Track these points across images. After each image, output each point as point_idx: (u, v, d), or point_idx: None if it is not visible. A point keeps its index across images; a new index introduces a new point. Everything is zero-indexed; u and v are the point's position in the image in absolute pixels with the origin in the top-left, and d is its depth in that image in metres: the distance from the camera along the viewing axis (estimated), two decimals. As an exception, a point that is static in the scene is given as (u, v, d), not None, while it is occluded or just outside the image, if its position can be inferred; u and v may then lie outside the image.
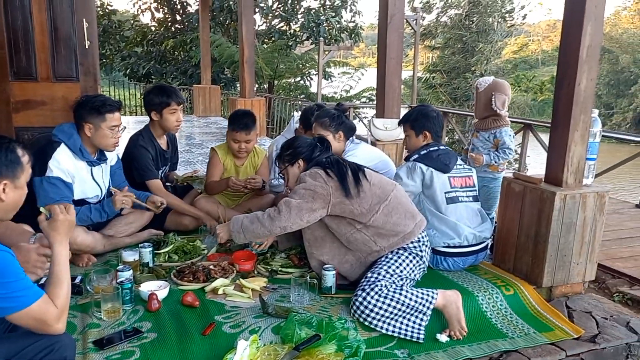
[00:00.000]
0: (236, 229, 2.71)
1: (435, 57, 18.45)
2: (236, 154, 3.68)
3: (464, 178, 3.13)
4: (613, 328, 2.73)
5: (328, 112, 3.53)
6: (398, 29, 3.99)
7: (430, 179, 3.01)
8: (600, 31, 2.76)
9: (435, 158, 3.04)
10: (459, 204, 3.05)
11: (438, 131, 3.18)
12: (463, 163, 3.19)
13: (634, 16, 53.99)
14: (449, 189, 3.04)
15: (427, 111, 3.18)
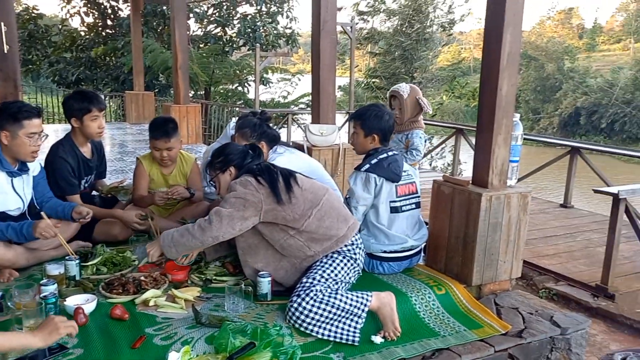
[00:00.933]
0: (167, 243, 2.65)
1: (374, 63, 18.79)
2: (159, 162, 3.59)
3: (408, 185, 3.13)
4: (538, 323, 2.86)
5: (250, 121, 3.48)
6: (331, 35, 4.03)
7: (380, 189, 3.01)
8: (519, 39, 2.89)
9: (386, 167, 3.01)
10: (401, 214, 3.07)
11: (387, 135, 3.14)
12: (407, 169, 3.18)
13: (557, 25, 57.17)
14: (394, 199, 3.04)
15: (381, 113, 3.11)
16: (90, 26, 15.56)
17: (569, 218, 6.36)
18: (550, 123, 35.61)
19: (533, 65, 37.24)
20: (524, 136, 9.76)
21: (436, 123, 11.88)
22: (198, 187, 3.69)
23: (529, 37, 42.05)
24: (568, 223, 6.14)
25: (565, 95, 34.81)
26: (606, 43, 51.69)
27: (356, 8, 16.16)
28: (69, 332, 1.97)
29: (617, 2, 51.49)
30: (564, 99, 34.78)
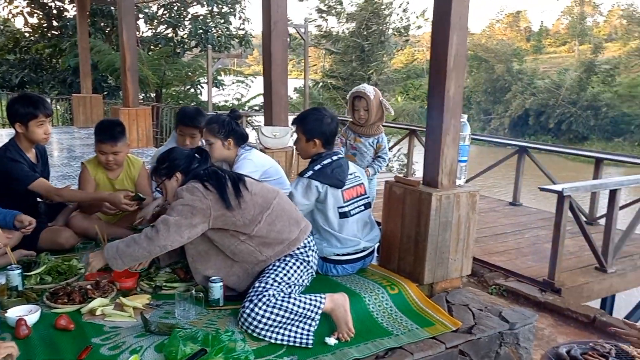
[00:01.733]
0: (111, 255, 2.55)
1: (329, 64, 18.89)
2: (105, 166, 3.50)
3: (356, 187, 3.12)
4: (487, 318, 2.92)
5: (218, 118, 3.47)
6: (282, 37, 4.02)
7: (324, 196, 2.98)
8: (465, 41, 2.95)
9: (330, 174, 2.98)
10: (351, 218, 3.05)
11: (330, 139, 3.10)
12: (354, 172, 3.17)
13: (506, 28, 58.91)
14: (341, 204, 3.02)
15: (321, 117, 3.06)
16: (34, 27, 15.01)
17: (517, 215, 6.55)
18: (501, 123, 36.67)
19: (484, 67, 38.28)
20: (475, 137, 10.03)
21: (390, 124, 12.00)
22: (147, 191, 3.61)
23: (480, 40, 43.23)
24: (517, 220, 6.31)
25: (515, 97, 35.91)
26: (552, 45, 53.62)
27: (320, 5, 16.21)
28: (8, 352, 1.87)
29: (562, 6, 53.51)
30: (514, 100, 35.87)
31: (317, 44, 16.89)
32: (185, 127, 3.71)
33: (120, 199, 3.27)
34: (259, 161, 3.51)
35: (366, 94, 3.98)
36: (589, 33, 46.46)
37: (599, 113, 32.61)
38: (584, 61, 37.05)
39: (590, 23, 49.27)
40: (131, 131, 8.02)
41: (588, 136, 32.74)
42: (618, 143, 31.16)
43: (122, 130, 3.45)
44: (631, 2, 51.18)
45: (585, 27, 46.63)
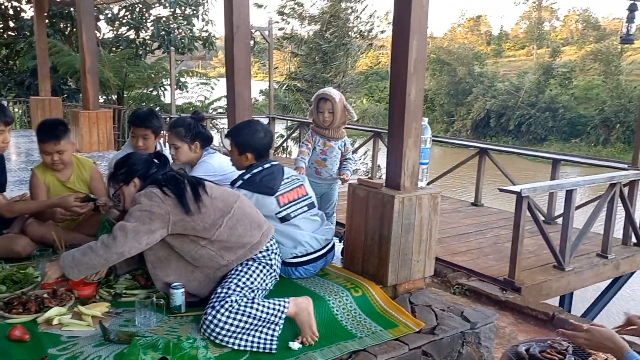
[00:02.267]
0: (67, 264, 2.48)
1: (294, 66, 18.89)
2: (51, 167, 3.40)
3: (295, 190, 3.11)
4: (450, 319, 2.97)
5: (184, 121, 3.44)
6: (244, 40, 3.99)
7: (256, 205, 2.95)
8: (425, 45, 3.00)
9: (258, 182, 2.98)
10: (294, 219, 3.04)
11: (263, 153, 3.10)
12: (292, 174, 3.16)
13: (467, 32, 60.07)
14: (278, 210, 3.00)
15: (254, 131, 3.09)
16: (-11, 27, 14.53)
17: (479, 216, 6.68)
18: (463, 125, 37.35)
19: (446, 69, 38.94)
20: (438, 138, 10.16)
21: (355, 127, 12.07)
22: (102, 193, 3.52)
23: (442, 43, 43.94)
24: (478, 221, 6.44)
25: (476, 99, 36.64)
26: (512, 49, 54.94)
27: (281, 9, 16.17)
28: None
29: (521, 11, 54.90)
30: (475, 102, 36.60)
31: (280, 46, 16.87)
32: (137, 127, 3.62)
33: (70, 201, 3.19)
34: (219, 165, 3.48)
35: (332, 96, 4.00)
36: (546, 37, 47.79)
37: (557, 115, 33.56)
38: (542, 64, 38.09)
39: (548, 28, 50.70)
40: (92, 134, 7.84)
41: (547, 137, 33.64)
42: (575, 144, 32.12)
43: (65, 129, 3.35)
44: (586, 7, 52.89)
45: (543, 31, 47.94)
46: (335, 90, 4.14)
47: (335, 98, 3.98)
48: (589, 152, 30.08)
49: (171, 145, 3.43)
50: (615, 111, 30.91)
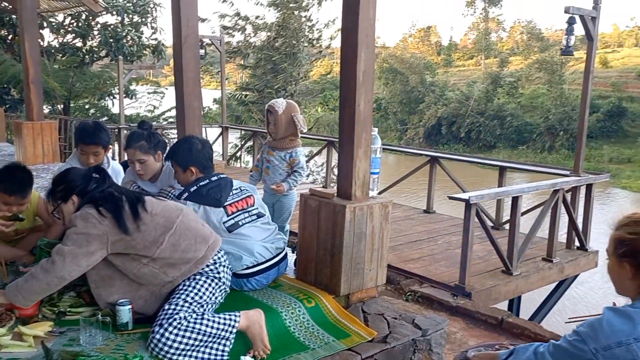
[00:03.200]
0: (12, 292, 2.42)
1: (246, 76, 18.80)
2: None
3: (244, 200, 3.12)
4: (401, 327, 2.99)
5: (141, 134, 3.33)
6: (193, 49, 3.94)
7: (204, 216, 2.96)
8: (373, 57, 3.04)
9: (205, 194, 2.99)
10: (242, 228, 3.04)
11: (205, 163, 3.12)
12: (240, 186, 3.17)
13: (418, 42, 61.41)
14: (226, 219, 3.01)
15: (190, 146, 3.11)
16: None
17: (431, 223, 6.80)
18: (416, 133, 38.10)
19: (399, 78, 39.66)
20: (391, 147, 10.26)
21: (308, 136, 12.12)
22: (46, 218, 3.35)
23: (395, 52, 44.74)
24: (430, 227, 6.56)
25: (428, 107, 37.48)
26: (461, 59, 56.52)
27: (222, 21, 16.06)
28: None
29: (469, 22, 56.58)
30: (427, 110, 37.43)
31: (228, 58, 16.74)
32: (87, 145, 3.46)
33: None
34: None
35: (274, 108, 4.06)
36: (493, 48, 49.40)
37: (505, 122, 34.69)
38: (490, 74, 39.33)
39: (495, 38, 52.42)
40: (36, 146, 7.56)
41: (495, 144, 34.68)
42: (522, 150, 33.23)
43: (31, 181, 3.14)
44: (531, 19, 54.97)
45: (490, 42, 49.52)
46: (282, 102, 4.16)
47: (278, 110, 4.04)
48: (536, 158, 31.19)
49: (138, 162, 3.30)
50: (560, 119, 32.20)
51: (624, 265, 1.62)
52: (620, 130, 33.03)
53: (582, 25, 5.59)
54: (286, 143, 4.13)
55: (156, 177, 3.44)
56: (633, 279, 1.61)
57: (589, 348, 1.53)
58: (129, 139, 3.35)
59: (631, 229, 1.61)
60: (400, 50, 48.71)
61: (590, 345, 1.53)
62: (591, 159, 29.65)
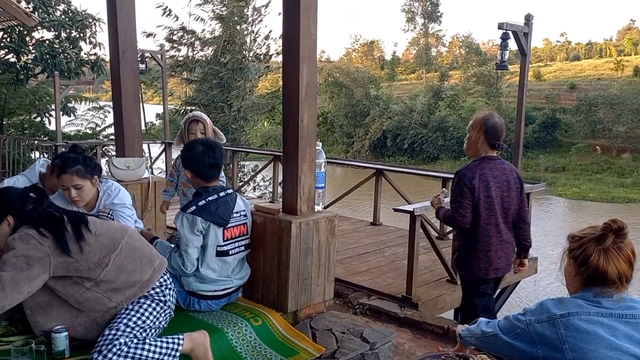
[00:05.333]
0: None
1: (191, 91, 18.52)
2: None
3: (239, 227, 3.02)
4: (350, 341, 2.99)
5: (76, 158, 3.09)
6: (132, 65, 3.86)
7: (206, 234, 2.85)
8: (315, 72, 3.06)
9: (214, 212, 2.85)
10: (228, 257, 2.96)
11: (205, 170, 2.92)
12: (241, 209, 3.05)
13: (362, 56, 62.55)
14: (221, 243, 2.91)
15: (191, 148, 2.96)
16: None
17: (378, 235, 6.86)
18: (362, 146, 38.64)
19: (344, 92, 40.19)
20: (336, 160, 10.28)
21: (254, 150, 12.08)
22: None
23: (339, 66, 45.36)
24: (377, 240, 6.61)
25: (373, 120, 38.13)
26: (403, 73, 57.97)
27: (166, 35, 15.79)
28: None
29: (410, 37, 58.20)
30: (372, 123, 38.08)
31: (173, 72, 16.45)
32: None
33: None
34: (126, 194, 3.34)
35: (203, 118, 4.02)
36: (434, 62, 50.94)
37: (447, 134, 35.73)
38: (431, 87, 40.51)
39: (435, 53, 54.08)
40: (-35, 166, 7.18)
41: (439, 155, 35.62)
42: (464, 161, 34.12)
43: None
44: (468, 34, 57.10)
45: (430, 56, 51.04)
46: (203, 115, 4.14)
47: (207, 120, 4.01)
48: (477, 168, 32.17)
49: (71, 188, 3.05)
50: (498, 130, 33.43)
51: (570, 261, 1.79)
52: (555, 140, 34.66)
53: (515, 40, 5.84)
54: None
55: (92, 204, 3.20)
56: (575, 275, 1.77)
57: (525, 319, 1.78)
58: (63, 164, 3.08)
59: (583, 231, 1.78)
60: (344, 64, 49.47)
61: (527, 317, 1.79)
62: (529, 168, 30.91)
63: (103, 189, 3.23)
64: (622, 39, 60.99)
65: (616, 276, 1.69)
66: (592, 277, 1.72)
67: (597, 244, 1.72)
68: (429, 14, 48.93)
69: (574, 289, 1.81)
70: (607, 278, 1.69)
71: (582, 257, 1.73)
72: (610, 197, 25.94)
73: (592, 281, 1.73)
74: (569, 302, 1.75)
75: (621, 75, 42.63)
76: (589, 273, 1.72)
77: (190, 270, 2.84)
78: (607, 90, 35.81)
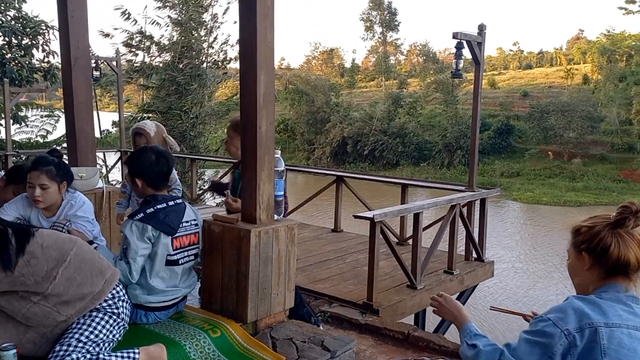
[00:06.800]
0: None
1: (148, 97, 18.18)
2: None
3: (189, 236, 2.97)
4: (310, 350, 2.97)
5: (52, 160, 3.09)
6: (85, 72, 3.75)
7: (156, 242, 2.79)
8: (273, 79, 3.04)
9: (162, 220, 2.80)
10: (178, 267, 2.90)
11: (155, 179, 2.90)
12: (191, 218, 3.01)
13: (322, 64, 62.89)
14: (171, 252, 2.85)
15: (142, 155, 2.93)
16: None
17: (339, 242, 6.88)
18: (323, 153, 38.79)
19: (304, 99, 40.30)
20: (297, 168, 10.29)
21: (214, 158, 11.95)
22: None
23: (299, 73, 45.46)
24: (339, 246, 6.63)
25: (334, 127, 38.35)
26: (363, 80, 58.60)
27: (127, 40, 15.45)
28: None
29: (369, 45, 58.88)
30: (333, 130, 38.28)
31: (129, 79, 16.11)
32: None
33: None
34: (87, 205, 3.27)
35: (146, 130, 3.97)
36: (393, 70, 51.70)
37: (406, 141, 36.28)
38: (390, 95, 41.08)
39: (393, 61, 54.89)
40: None
41: (398, 162, 36.10)
42: (423, 167, 34.84)
43: None
44: (426, 42, 58.25)
45: (389, 64, 51.77)
46: (151, 124, 4.09)
47: (150, 132, 3.96)
48: (436, 174, 32.82)
49: (36, 186, 3.01)
50: (456, 137, 34.16)
51: (582, 255, 1.65)
52: (509, 146, 35.64)
53: (470, 49, 5.98)
54: None
55: (53, 211, 3.16)
56: (590, 269, 1.63)
57: (561, 330, 1.52)
58: (36, 161, 3.09)
59: (589, 221, 1.66)
60: (304, 71, 49.60)
61: (562, 327, 1.52)
62: (485, 173, 31.68)
63: (67, 197, 3.17)
64: (572, 48, 63.34)
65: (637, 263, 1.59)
66: (614, 268, 1.59)
67: (613, 230, 1.60)
68: (387, 22, 49.66)
69: (589, 283, 1.65)
70: (629, 267, 1.58)
71: (600, 247, 1.59)
72: (563, 200, 26.84)
73: (615, 272, 1.60)
74: (607, 307, 1.56)
75: (571, 83, 44.30)
76: (611, 264, 1.59)
77: (135, 278, 2.77)
78: (558, 98, 37.09)
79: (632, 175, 30.88)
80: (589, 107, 34.20)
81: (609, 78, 38.35)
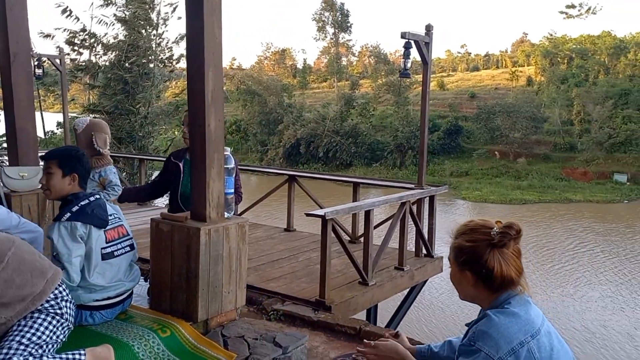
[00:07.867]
0: None
1: (94, 97, 17.64)
2: None
3: (117, 229, 2.93)
4: (262, 347, 2.97)
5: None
6: (25, 69, 3.62)
7: (88, 238, 2.74)
8: (221, 77, 3.02)
9: (90, 214, 2.75)
10: (115, 259, 2.85)
11: (86, 177, 2.92)
12: (114, 212, 2.97)
13: (274, 64, 62.75)
14: (104, 245, 2.81)
15: (79, 152, 2.92)
16: None
17: (292, 241, 6.89)
18: (276, 153, 38.70)
19: (257, 100, 40.12)
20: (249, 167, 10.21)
21: (161, 158, 11.72)
22: None
23: (251, 73, 45.21)
24: (291, 245, 6.64)
25: (287, 128, 38.35)
26: (315, 81, 58.87)
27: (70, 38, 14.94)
28: None
29: (321, 46, 59.19)
30: (286, 130, 38.27)
31: (74, 77, 15.60)
32: None
33: None
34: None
35: (74, 127, 3.96)
36: (345, 71, 52.12)
37: (359, 142, 36.68)
38: (343, 96, 41.42)
39: (345, 62, 55.33)
40: None
41: (352, 162, 36.45)
42: (376, 168, 35.32)
43: None
44: (377, 44, 59.02)
45: (341, 65, 52.15)
46: (85, 120, 4.05)
47: (78, 129, 3.94)
48: (388, 174, 33.33)
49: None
50: (407, 137, 34.80)
51: (465, 273, 1.66)
52: (458, 146, 36.60)
53: (417, 50, 6.11)
54: (93, 163, 3.89)
55: None
56: (475, 286, 1.65)
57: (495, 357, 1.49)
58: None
59: (469, 237, 1.65)
60: (256, 71, 49.33)
61: (495, 357, 1.49)
62: (435, 173, 32.42)
63: None
64: (516, 50, 65.56)
65: (519, 274, 1.63)
66: (500, 284, 1.62)
67: (493, 249, 1.61)
68: (339, 23, 50.00)
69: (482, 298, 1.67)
70: (513, 280, 1.61)
71: (485, 270, 1.61)
72: (509, 199, 27.79)
73: (502, 287, 1.62)
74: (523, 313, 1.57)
75: (516, 85, 45.89)
76: (497, 283, 1.62)
77: (76, 281, 2.71)
78: (503, 99, 38.38)
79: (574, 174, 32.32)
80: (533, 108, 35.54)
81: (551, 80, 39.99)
